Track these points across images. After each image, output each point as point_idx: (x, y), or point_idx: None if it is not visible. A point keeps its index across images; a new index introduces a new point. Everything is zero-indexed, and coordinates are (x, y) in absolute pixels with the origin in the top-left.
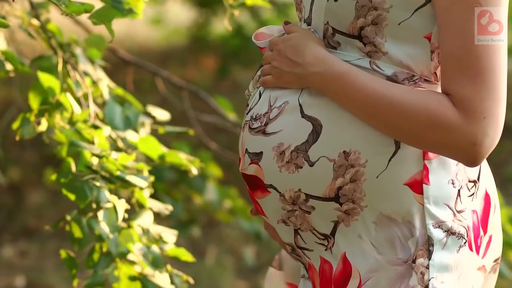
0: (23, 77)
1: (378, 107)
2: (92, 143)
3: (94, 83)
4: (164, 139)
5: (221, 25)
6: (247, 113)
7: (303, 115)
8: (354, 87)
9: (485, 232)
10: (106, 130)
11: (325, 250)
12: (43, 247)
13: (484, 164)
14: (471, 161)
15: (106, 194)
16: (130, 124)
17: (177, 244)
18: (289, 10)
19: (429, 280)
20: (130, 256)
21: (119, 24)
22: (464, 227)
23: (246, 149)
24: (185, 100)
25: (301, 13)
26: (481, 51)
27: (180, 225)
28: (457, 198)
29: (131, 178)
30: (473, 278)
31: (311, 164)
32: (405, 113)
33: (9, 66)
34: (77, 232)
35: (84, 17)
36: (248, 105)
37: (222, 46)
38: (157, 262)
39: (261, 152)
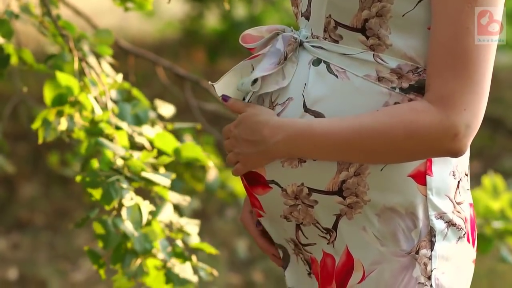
0: (23, 69)
1: (352, 142)
2: (112, 141)
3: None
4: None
5: (214, 19)
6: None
7: (307, 109)
8: (321, 136)
9: (475, 225)
10: (124, 125)
11: (327, 243)
12: (35, 239)
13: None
14: (455, 152)
15: (131, 194)
16: (140, 121)
17: None
18: (283, 3)
19: (432, 271)
20: (154, 252)
21: (112, 17)
22: (462, 219)
23: None
24: (187, 89)
25: (298, 7)
26: (472, 47)
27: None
28: (456, 190)
29: (154, 177)
30: (469, 270)
31: (315, 159)
32: (381, 136)
33: (13, 60)
34: (103, 231)
35: (84, 6)
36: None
37: (213, 39)
38: (181, 257)
39: None
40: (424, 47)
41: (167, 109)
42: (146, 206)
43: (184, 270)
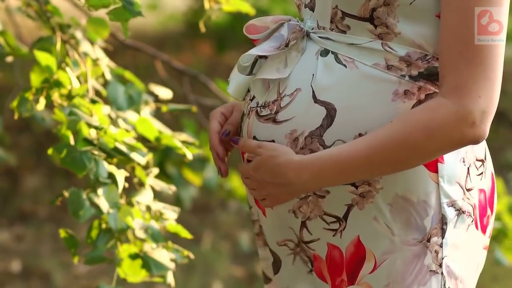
0: (25, 61)
1: (374, 160)
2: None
3: (95, 63)
4: (172, 118)
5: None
6: (250, 99)
7: (316, 100)
8: (343, 162)
9: (492, 211)
10: (106, 108)
11: (333, 235)
12: (39, 231)
13: (486, 145)
14: (476, 139)
15: (105, 167)
16: (133, 102)
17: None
18: None
19: (443, 259)
20: (130, 233)
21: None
22: (471, 205)
23: (254, 136)
24: (185, 83)
25: None
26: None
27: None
28: (467, 177)
29: (129, 153)
30: (479, 257)
31: (327, 148)
32: (401, 144)
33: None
34: (77, 204)
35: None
36: (249, 91)
37: (218, 31)
38: (157, 238)
39: (273, 141)
40: (433, 34)
41: (163, 92)
42: (121, 174)
43: (161, 255)
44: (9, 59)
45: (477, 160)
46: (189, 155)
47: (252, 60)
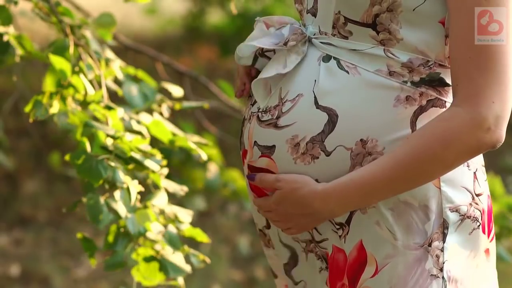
0: (24, 65)
1: (397, 178)
2: (106, 124)
3: (107, 64)
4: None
5: (216, 15)
6: (252, 104)
7: (318, 106)
8: (367, 185)
9: (492, 216)
10: (120, 111)
11: (339, 239)
12: (38, 235)
13: None
14: (493, 145)
15: (121, 174)
16: (148, 99)
17: None
18: None
19: (444, 263)
20: (148, 235)
21: (114, 14)
22: (479, 210)
23: (255, 141)
24: (186, 85)
25: (302, 4)
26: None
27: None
28: (474, 181)
29: (144, 160)
30: (481, 261)
31: (328, 154)
32: (421, 159)
33: (19, 51)
34: (96, 211)
35: (86, 3)
36: (250, 96)
37: (217, 35)
38: (174, 242)
39: (274, 146)
40: (435, 41)
41: (175, 90)
42: (134, 186)
43: (177, 258)
44: (17, 58)
45: (481, 165)
46: (204, 156)
47: (251, 53)
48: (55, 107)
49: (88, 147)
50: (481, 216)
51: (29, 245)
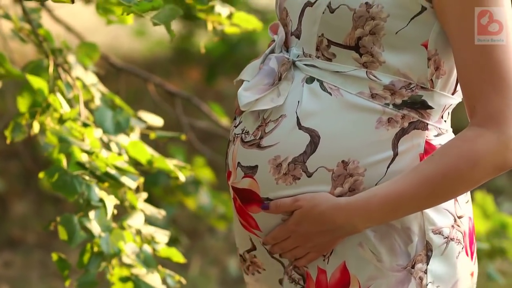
0: (16, 86)
1: (423, 194)
2: (82, 141)
3: (85, 87)
4: (161, 145)
5: (205, 37)
6: (235, 126)
7: (300, 126)
8: (392, 201)
9: (475, 237)
10: (98, 132)
11: (323, 260)
12: (27, 258)
13: None
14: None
15: (96, 191)
16: (121, 128)
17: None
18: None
19: (427, 285)
20: (122, 256)
21: (103, 35)
22: (461, 232)
23: (239, 162)
24: (178, 106)
25: (287, 27)
26: (503, 58)
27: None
28: (455, 203)
29: (120, 177)
30: (466, 284)
31: (309, 175)
32: (448, 177)
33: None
34: (69, 229)
35: (76, 24)
36: (235, 118)
37: (206, 57)
38: (149, 262)
39: (256, 166)
40: (418, 63)
41: (153, 119)
42: (110, 200)
43: (153, 279)
44: None
45: None
46: (182, 178)
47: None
48: (36, 127)
49: (65, 164)
50: (463, 238)
51: (18, 267)
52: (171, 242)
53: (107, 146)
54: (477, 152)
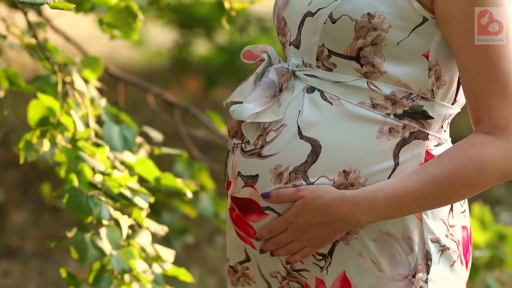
0: (14, 96)
1: (427, 194)
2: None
3: (92, 103)
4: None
5: (203, 46)
6: (234, 136)
7: (302, 136)
8: (398, 197)
9: (471, 247)
10: (106, 149)
11: (321, 271)
12: (25, 267)
13: None
14: None
15: (110, 210)
16: (128, 144)
17: None
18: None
19: None
20: (134, 274)
21: (102, 45)
22: (455, 241)
23: (239, 172)
24: (176, 116)
25: (285, 37)
26: (509, 67)
27: (174, 234)
28: (449, 213)
29: (133, 198)
30: None
31: (310, 184)
32: (455, 180)
33: (4, 84)
34: (81, 248)
35: (74, 34)
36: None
37: (204, 66)
38: (158, 281)
39: (257, 175)
40: (418, 74)
41: (156, 135)
42: (125, 220)
43: None
44: (1, 93)
45: None
46: (189, 194)
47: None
48: (46, 145)
49: (76, 183)
50: (457, 248)
51: (17, 276)
52: (182, 232)
53: (113, 164)
54: (485, 159)
